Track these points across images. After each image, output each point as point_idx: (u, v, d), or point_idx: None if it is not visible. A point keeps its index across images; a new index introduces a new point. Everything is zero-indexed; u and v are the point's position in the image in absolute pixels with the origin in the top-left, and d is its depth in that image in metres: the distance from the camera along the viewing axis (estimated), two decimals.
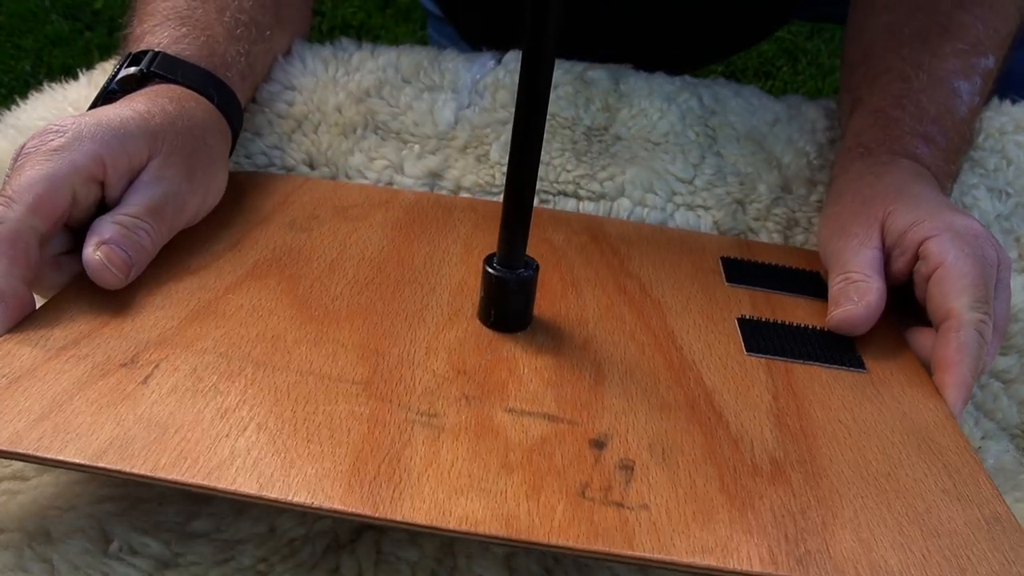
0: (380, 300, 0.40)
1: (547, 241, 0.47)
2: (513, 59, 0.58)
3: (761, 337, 0.41)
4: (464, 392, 0.34)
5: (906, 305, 0.43)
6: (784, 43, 1.71)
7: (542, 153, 0.34)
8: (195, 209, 0.43)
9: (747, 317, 0.42)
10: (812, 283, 0.46)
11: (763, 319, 0.42)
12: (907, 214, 0.43)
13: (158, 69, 0.46)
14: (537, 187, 0.35)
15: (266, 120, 0.54)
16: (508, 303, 0.38)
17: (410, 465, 0.30)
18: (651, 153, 0.54)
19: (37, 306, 0.37)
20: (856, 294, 0.42)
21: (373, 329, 0.38)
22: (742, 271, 0.47)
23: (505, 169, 0.34)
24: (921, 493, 0.32)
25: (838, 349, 0.41)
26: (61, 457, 0.29)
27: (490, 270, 0.37)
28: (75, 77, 0.56)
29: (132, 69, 0.46)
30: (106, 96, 0.46)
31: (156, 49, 0.47)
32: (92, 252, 0.37)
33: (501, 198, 0.35)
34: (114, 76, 0.46)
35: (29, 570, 0.31)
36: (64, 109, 0.52)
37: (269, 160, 0.53)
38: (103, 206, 0.40)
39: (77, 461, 0.29)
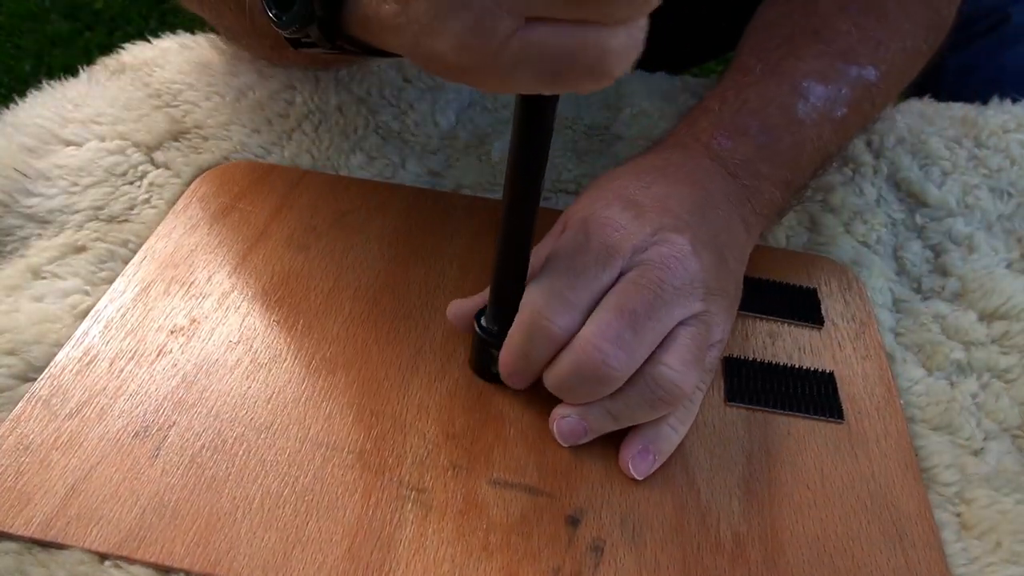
0: (375, 344, 0.41)
1: None
2: None
3: (744, 381, 0.41)
4: (452, 461, 0.36)
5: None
6: None
7: None
8: None
9: (734, 357, 0.43)
10: (807, 304, 0.46)
11: (749, 359, 0.43)
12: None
13: None
14: None
15: (266, 119, 0.54)
16: (496, 364, 0.38)
17: (399, 552, 0.32)
18: None
19: None
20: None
21: (368, 381, 0.39)
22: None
23: (504, 167, 0.34)
24: (871, 572, 0.34)
25: (819, 394, 0.41)
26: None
27: (480, 333, 0.38)
28: (75, 75, 0.56)
29: None
30: None
31: None
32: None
33: (500, 195, 0.35)
34: None
35: (29, 575, 0.31)
36: (64, 107, 0.52)
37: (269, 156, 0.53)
38: None
39: (97, 549, 0.32)
